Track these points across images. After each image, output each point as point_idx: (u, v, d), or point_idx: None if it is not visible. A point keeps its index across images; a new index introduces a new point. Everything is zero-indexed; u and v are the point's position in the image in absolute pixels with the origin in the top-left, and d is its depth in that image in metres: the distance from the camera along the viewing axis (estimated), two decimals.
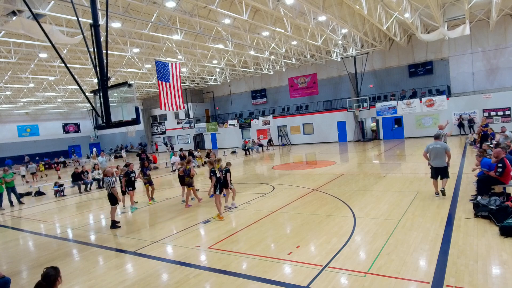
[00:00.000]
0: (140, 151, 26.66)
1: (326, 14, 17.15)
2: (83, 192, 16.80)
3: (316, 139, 32.84)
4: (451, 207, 8.27)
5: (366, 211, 8.69)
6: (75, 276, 6.36)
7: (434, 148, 9.11)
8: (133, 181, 11.63)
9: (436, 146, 9.10)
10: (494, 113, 24.65)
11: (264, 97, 38.79)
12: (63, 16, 13.88)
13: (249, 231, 8.05)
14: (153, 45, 22.34)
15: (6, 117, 42.37)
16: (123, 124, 6.33)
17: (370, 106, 28.92)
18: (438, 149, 9.05)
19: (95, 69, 5.97)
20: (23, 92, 31.83)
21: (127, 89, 6.29)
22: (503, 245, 5.86)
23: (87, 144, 49.47)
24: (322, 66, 33.42)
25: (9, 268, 7.17)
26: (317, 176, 14.77)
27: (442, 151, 8.98)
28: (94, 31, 6.01)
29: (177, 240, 7.91)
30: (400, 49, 29.35)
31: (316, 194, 11.27)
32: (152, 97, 45.00)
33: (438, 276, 5.01)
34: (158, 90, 14.72)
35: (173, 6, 14.87)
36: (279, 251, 6.57)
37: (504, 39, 25.34)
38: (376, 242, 6.51)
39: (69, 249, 8.21)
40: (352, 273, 5.37)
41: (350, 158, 20.53)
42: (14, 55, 19.56)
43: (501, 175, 8.13)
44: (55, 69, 24.35)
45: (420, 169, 13.35)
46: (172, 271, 6.20)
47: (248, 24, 19.54)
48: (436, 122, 26.85)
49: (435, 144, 9.14)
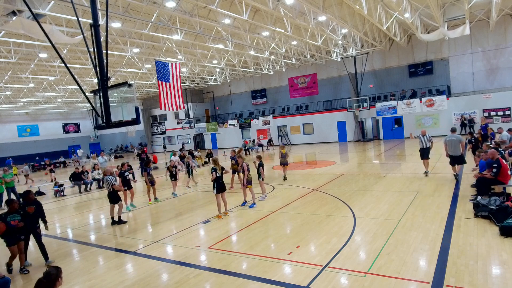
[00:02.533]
0: (140, 151, 26.65)
1: (326, 14, 17.15)
2: (83, 192, 16.80)
3: (316, 139, 32.84)
4: (451, 207, 8.27)
5: (366, 211, 8.69)
6: (75, 276, 6.36)
7: (451, 140, 10.84)
8: (128, 181, 11.62)
9: (452, 138, 10.83)
10: (494, 113, 24.66)
11: (264, 97, 38.79)
12: (63, 16, 13.88)
13: (249, 231, 8.04)
14: (153, 45, 22.34)
15: (6, 117, 42.36)
16: (123, 124, 6.33)
17: (370, 106, 28.92)
18: (453, 141, 10.76)
19: (95, 69, 5.97)
20: (23, 92, 31.82)
21: (127, 89, 6.29)
22: (503, 245, 5.86)
23: (87, 144, 49.45)
24: (322, 66, 33.42)
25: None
26: (317, 176, 14.77)
27: (457, 142, 10.71)
28: (94, 31, 6.01)
29: (177, 240, 7.90)
30: (400, 49, 29.36)
31: (316, 194, 11.27)
32: (152, 97, 45.00)
33: (438, 276, 5.01)
34: (158, 90, 14.71)
35: (173, 6, 14.87)
36: (279, 251, 6.57)
37: (504, 39, 25.34)
38: (376, 242, 6.51)
39: (69, 249, 8.21)
40: (352, 273, 5.36)
41: (350, 158, 20.52)
42: (14, 55, 19.55)
43: (496, 175, 8.17)
44: (55, 69, 24.34)
45: (420, 169, 13.34)
46: (172, 271, 6.20)
47: (248, 24, 19.54)
48: (436, 122, 26.88)
49: (451, 137, 10.89)
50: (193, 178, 15.42)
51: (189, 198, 12.87)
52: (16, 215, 6.73)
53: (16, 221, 6.66)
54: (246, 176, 10.35)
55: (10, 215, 6.68)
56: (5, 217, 6.61)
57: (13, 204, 6.84)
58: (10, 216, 6.66)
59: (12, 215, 6.69)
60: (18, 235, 6.66)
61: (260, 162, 11.33)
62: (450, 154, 10.88)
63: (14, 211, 6.76)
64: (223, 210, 9.56)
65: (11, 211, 6.74)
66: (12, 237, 6.61)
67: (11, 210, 6.75)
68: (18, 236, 6.68)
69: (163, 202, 12.39)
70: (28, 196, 7.23)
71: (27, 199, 7.23)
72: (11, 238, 6.61)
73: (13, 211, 6.75)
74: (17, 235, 6.65)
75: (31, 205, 7.14)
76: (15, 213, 6.74)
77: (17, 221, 6.67)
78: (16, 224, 6.62)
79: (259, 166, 11.24)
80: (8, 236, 6.58)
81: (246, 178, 10.35)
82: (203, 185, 15.35)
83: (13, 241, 6.63)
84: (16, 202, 6.94)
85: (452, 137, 10.78)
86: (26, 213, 6.95)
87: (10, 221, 6.59)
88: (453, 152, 10.76)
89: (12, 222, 6.59)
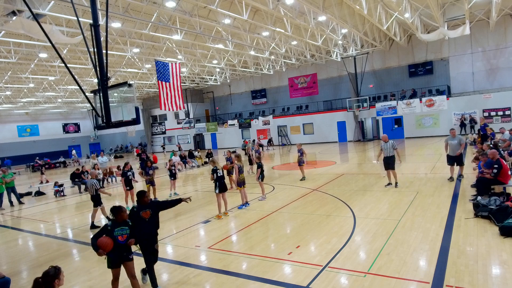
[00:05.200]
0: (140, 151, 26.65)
1: (326, 14, 17.15)
2: (83, 192, 16.80)
3: (316, 139, 32.84)
4: (451, 207, 8.27)
5: (366, 211, 8.69)
6: (75, 276, 6.36)
7: (451, 143, 10.98)
8: (130, 181, 11.63)
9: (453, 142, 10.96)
10: (494, 113, 24.66)
11: (264, 97, 38.79)
12: (63, 16, 13.89)
13: (249, 231, 8.04)
14: (153, 45, 22.34)
15: (6, 117, 42.36)
16: (123, 124, 6.32)
17: (370, 106, 28.92)
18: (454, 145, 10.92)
19: (95, 69, 5.96)
20: (23, 92, 31.82)
21: (127, 89, 6.27)
22: (503, 245, 5.86)
23: (87, 144, 49.47)
24: (322, 66, 33.42)
25: (9, 268, 7.17)
26: (317, 176, 14.76)
27: (458, 145, 10.86)
28: (94, 31, 6.00)
29: (177, 240, 7.90)
30: (400, 49, 29.35)
31: (316, 194, 11.27)
32: (152, 97, 45.00)
33: (438, 276, 5.01)
34: (158, 90, 14.70)
35: (173, 6, 14.87)
36: (279, 251, 6.57)
37: (504, 39, 25.33)
38: (376, 242, 6.50)
39: (69, 249, 8.21)
40: (352, 273, 5.36)
41: (350, 158, 20.52)
42: (14, 55, 19.55)
43: (496, 176, 8.18)
44: (55, 69, 24.34)
45: (420, 169, 13.35)
46: (172, 271, 6.20)
47: (248, 24, 19.53)
48: (436, 122, 26.88)
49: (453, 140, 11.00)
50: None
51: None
52: (125, 227, 5.03)
53: (124, 235, 4.98)
54: (236, 178, 10.46)
55: (118, 228, 4.97)
56: (112, 231, 4.94)
57: (121, 213, 5.05)
58: (118, 230, 4.96)
59: (120, 228, 4.98)
60: (125, 253, 5.04)
61: (259, 163, 11.35)
62: (448, 154, 11.10)
63: (122, 222, 5.02)
64: (223, 210, 9.56)
65: (118, 222, 5.01)
66: (117, 256, 4.99)
67: (118, 221, 5.01)
68: (126, 255, 5.04)
69: None
70: (142, 198, 5.48)
71: (141, 202, 5.46)
72: (115, 257, 4.99)
73: (121, 222, 5.03)
74: (124, 253, 5.03)
75: (146, 208, 5.41)
76: (123, 225, 5.02)
77: (125, 236, 4.98)
78: (124, 239, 4.98)
79: (258, 167, 11.26)
80: (113, 254, 4.95)
81: (237, 179, 10.45)
82: (203, 185, 15.35)
83: (116, 261, 5.04)
84: (124, 211, 5.12)
85: (454, 141, 10.91)
86: (140, 219, 5.29)
87: (117, 236, 4.93)
88: (452, 153, 10.98)
89: (119, 238, 4.95)
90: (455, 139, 10.92)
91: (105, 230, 4.95)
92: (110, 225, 5.00)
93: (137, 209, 5.41)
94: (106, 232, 4.92)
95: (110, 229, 4.95)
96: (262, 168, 11.23)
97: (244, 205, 10.38)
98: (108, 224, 5.04)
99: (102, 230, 4.97)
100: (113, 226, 4.98)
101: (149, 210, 5.40)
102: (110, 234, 4.90)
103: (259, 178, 11.18)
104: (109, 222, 5.05)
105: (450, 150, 11.07)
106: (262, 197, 11.17)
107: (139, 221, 5.28)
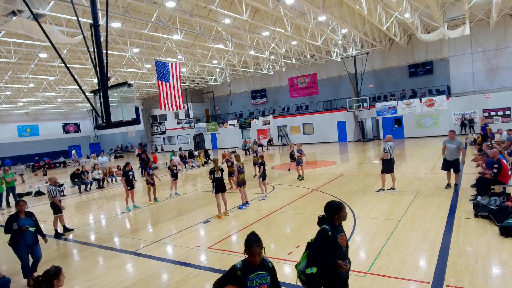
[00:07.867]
0: (141, 151, 26.65)
1: (326, 14, 17.15)
2: (83, 192, 16.80)
3: (316, 139, 32.84)
4: (451, 207, 8.27)
5: (366, 211, 8.69)
6: (75, 276, 6.36)
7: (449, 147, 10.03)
8: (131, 180, 11.62)
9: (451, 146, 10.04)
10: (494, 113, 24.66)
11: (264, 97, 38.79)
12: (63, 16, 13.88)
13: (249, 231, 8.00)
14: (153, 45, 22.34)
15: (6, 117, 42.36)
16: (123, 124, 6.31)
17: (370, 106, 28.92)
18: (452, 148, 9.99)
19: (95, 69, 5.96)
20: (23, 92, 31.82)
21: (127, 89, 6.27)
22: (503, 245, 5.86)
23: (87, 144, 49.46)
24: (322, 66, 33.42)
25: (9, 268, 7.17)
26: (317, 176, 14.76)
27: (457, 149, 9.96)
28: (94, 31, 6.00)
29: (177, 240, 7.90)
30: (400, 49, 29.35)
31: (316, 194, 11.27)
32: (152, 97, 45.00)
33: (438, 276, 5.01)
34: (158, 90, 14.71)
35: (173, 6, 14.87)
36: (279, 251, 6.57)
37: (504, 39, 25.33)
38: (376, 242, 6.50)
39: (69, 249, 8.21)
40: (352, 273, 5.34)
41: (350, 158, 20.52)
42: (14, 55, 19.55)
43: (496, 175, 8.18)
44: (55, 69, 24.34)
45: (420, 169, 13.35)
46: (172, 271, 6.20)
47: (248, 24, 19.54)
48: (436, 122, 26.88)
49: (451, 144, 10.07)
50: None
51: (189, 198, 12.87)
52: (262, 272, 3.27)
53: (263, 286, 3.24)
54: (236, 178, 10.45)
55: (253, 274, 3.20)
56: (243, 277, 3.15)
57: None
58: (253, 276, 3.20)
59: (256, 274, 3.22)
60: None
61: (262, 162, 11.35)
62: (445, 158, 10.11)
63: (258, 266, 3.29)
64: (223, 210, 9.56)
65: (253, 264, 3.27)
66: None
67: (250, 262, 3.27)
68: None
69: (163, 202, 12.38)
70: None
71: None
72: None
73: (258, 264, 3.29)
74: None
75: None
76: (260, 270, 3.27)
77: (265, 287, 3.25)
78: None
79: (260, 165, 11.29)
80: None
81: (237, 180, 10.46)
82: (203, 185, 15.35)
83: None
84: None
85: (452, 144, 9.89)
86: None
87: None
88: (449, 157, 9.97)
89: None
90: (453, 143, 9.84)
91: (233, 274, 3.19)
92: (240, 267, 3.21)
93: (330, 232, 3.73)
94: (235, 279, 3.17)
95: (241, 274, 3.17)
96: (264, 167, 11.24)
97: (244, 205, 10.38)
98: (237, 265, 3.24)
99: (229, 274, 3.24)
100: (245, 269, 3.20)
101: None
102: (240, 282, 3.16)
103: (260, 178, 11.19)
104: (239, 263, 3.27)
105: (447, 154, 9.97)
106: (262, 197, 11.17)
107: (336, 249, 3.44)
